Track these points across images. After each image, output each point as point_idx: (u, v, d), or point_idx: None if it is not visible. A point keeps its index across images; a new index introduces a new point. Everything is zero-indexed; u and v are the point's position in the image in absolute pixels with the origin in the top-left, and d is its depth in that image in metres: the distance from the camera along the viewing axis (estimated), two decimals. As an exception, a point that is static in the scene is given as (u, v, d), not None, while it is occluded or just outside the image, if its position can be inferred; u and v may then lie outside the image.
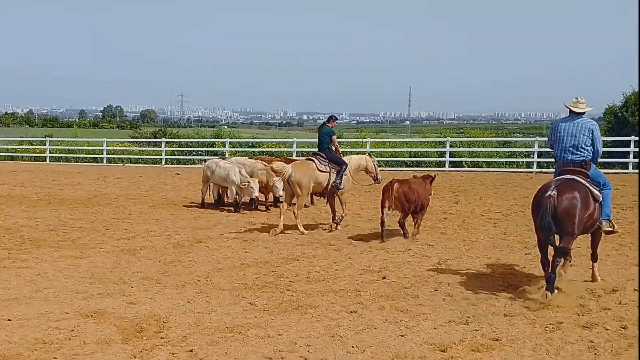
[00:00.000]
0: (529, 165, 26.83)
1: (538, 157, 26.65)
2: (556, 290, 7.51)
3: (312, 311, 7.09)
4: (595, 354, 5.75)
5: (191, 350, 5.87)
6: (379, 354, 5.78)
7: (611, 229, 8.27)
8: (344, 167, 12.87)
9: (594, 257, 8.55)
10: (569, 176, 8.06)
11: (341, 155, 13.54)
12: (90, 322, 6.73)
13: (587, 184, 7.94)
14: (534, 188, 18.51)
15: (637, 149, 24.97)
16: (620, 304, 7.32)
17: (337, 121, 13.83)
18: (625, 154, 25.37)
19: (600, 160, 8.96)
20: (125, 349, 5.95)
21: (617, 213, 14.11)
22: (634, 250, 10.24)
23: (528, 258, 9.79)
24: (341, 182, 12.76)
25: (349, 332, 6.38)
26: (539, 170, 25.96)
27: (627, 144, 25.42)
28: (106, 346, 6.01)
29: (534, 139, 28.43)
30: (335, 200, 13.03)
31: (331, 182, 12.71)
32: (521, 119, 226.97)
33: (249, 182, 14.63)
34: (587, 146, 8.33)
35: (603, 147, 8.77)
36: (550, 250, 7.68)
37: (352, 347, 5.95)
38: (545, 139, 28.19)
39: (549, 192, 7.73)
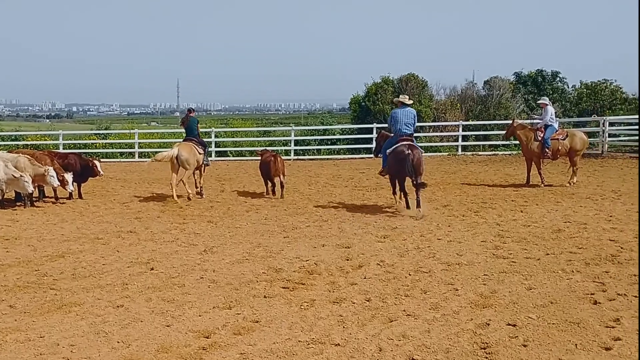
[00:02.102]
0: (287, 153, 27.54)
1: (294, 145, 27.49)
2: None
3: (77, 309, 6.64)
4: (343, 327, 5.96)
5: (-58, 363, 5.25)
6: (145, 346, 5.55)
7: None
8: (207, 148, 16.04)
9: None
10: (408, 142, 12.22)
11: None
12: None
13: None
14: (292, 174, 19.30)
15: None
16: (365, 278, 7.68)
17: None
18: (369, 140, 26.88)
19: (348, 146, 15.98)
20: None
21: (363, 195, 14.96)
22: (377, 228, 10.84)
23: (286, 240, 9.99)
24: (208, 161, 15.99)
25: (114, 327, 6.05)
26: (296, 157, 26.77)
27: (370, 130, 27.01)
28: None
29: (291, 128, 29.28)
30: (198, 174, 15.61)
31: (203, 161, 15.39)
32: (282, 110, 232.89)
33: (22, 175, 13.33)
34: (412, 125, 12.57)
35: (350, 134, 13.23)
36: (407, 184, 12.39)
37: (118, 342, 5.65)
38: (301, 127, 29.22)
39: (407, 151, 12.00)
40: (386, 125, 15.73)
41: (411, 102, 13.01)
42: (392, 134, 12.80)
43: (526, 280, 7.43)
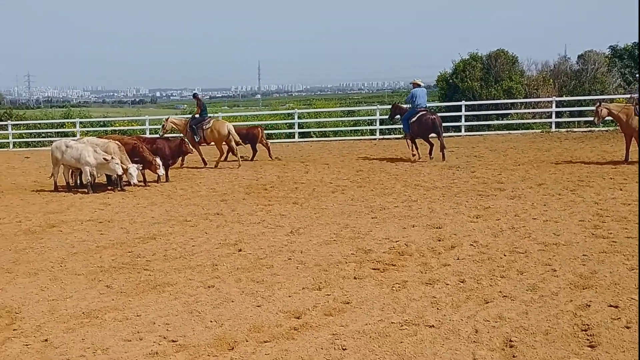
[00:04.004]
0: (372, 132, 27.49)
1: (380, 124, 27.38)
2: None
3: (170, 289, 6.92)
4: (437, 308, 5.98)
5: (46, 340, 5.57)
6: (237, 325, 5.74)
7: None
8: None
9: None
10: (427, 111, 18.18)
11: None
12: (-64, 320, 6.24)
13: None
14: (378, 155, 19.30)
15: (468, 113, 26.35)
16: (458, 259, 7.65)
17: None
18: (457, 118, 26.55)
19: None
20: (-24, 344, 5.57)
21: (453, 174, 14.83)
22: (469, 208, 10.75)
23: (375, 221, 10.03)
24: None
25: (206, 307, 6.28)
26: (381, 137, 26.69)
27: (458, 108, 26.64)
28: (-46, 343, 5.60)
29: (375, 107, 29.18)
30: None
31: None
32: (365, 89, 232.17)
33: (112, 158, 13.99)
34: (426, 100, 18.55)
35: (438, 112, 21.46)
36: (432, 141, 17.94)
37: (210, 321, 5.87)
38: (387, 107, 29.23)
39: (431, 116, 17.87)
40: (474, 102, 24.82)
41: (423, 83, 18.69)
42: (411, 107, 18.31)
43: (627, 260, 7.21)
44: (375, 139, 26.14)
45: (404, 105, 19.60)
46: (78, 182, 15.33)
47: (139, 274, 7.57)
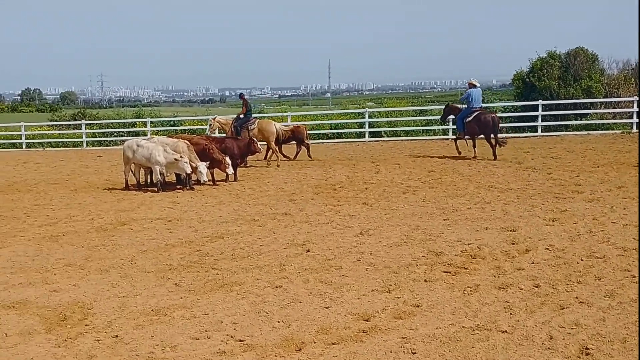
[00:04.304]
0: (444, 132, 27.20)
1: (453, 124, 27.03)
2: None
3: (238, 288, 7.02)
4: (510, 313, 5.88)
5: (116, 336, 5.74)
6: (304, 327, 5.77)
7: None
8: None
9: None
10: (483, 111, 18.83)
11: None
12: (12, 314, 6.50)
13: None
14: (451, 155, 19.09)
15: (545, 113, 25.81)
16: (533, 263, 7.51)
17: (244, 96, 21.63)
18: (534, 118, 26.05)
19: (511, 124, 23.50)
20: (49, 338, 5.77)
21: (529, 175, 14.54)
22: (544, 211, 10.52)
23: (446, 223, 9.92)
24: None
25: (274, 307, 6.35)
26: (454, 137, 26.34)
27: (535, 108, 26.11)
28: (29, 337, 5.82)
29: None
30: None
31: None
32: (437, 87, 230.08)
33: (181, 157, 14.32)
34: (481, 100, 19.23)
35: (513, 111, 26.86)
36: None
37: (278, 322, 5.93)
38: (460, 105, 28.81)
39: (491, 115, 18.75)
40: (551, 101, 25.21)
41: (479, 84, 19.30)
42: (467, 107, 18.90)
43: None
44: (447, 139, 25.84)
45: (459, 106, 20.20)
46: (148, 180, 15.72)
47: (207, 273, 7.70)
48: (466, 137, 19.03)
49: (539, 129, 25.59)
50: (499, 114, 28.60)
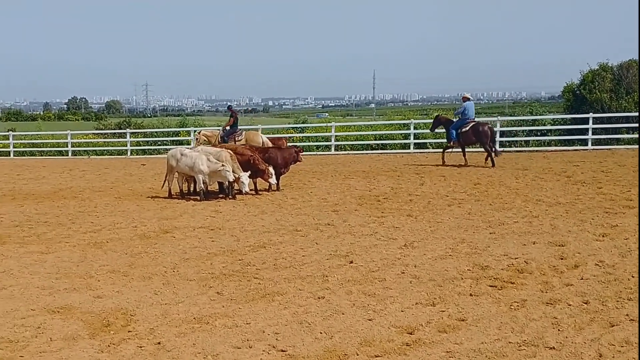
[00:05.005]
0: (492, 144, 26.97)
1: (500, 136, 26.83)
2: None
3: (280, 298, 7.04)
4: (558, 329, 5.78)
5: (159, 343, 5.80)
6: (347, 339, 5.76)
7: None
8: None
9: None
10: (477, 122, 20.64)
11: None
12: (57, 318, 6.62)
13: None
14: (497, 167, 18.91)
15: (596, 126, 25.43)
16: (582, 279, 7.38)
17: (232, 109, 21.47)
18: (584, 131, 25.68)
19: (560, 137, 24.03)
20: (93, 344, 5.87)
21: (578, 189, 14.30)
22: (594, 225, 10.34)
23: (492, 237, 9.81)
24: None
25: (316, 318, 6.35)
26: (501, 149, 26.14)
27: (585, 121, 25.73)
28: (73, 342, 5.92)
29: (495, 118, 28.59)
30: None
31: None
32: (484, 99, 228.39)
33: (223, 166, 14.45)
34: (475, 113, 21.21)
35: (563, 124, 26.23)
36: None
37: (320, 333, 5.93)
38: (507, 118, 28.66)
39: (487, 126, 20.50)
40: (602, 114, 25.73)
41: (471, 97, 21.63)
42: (461, 118, 20.69)
43: None
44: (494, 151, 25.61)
45: (449, 117, 22.65)
46: (191, 189, 15.90)
47: (249, 282, 7.74)
48: (454, 148, 21.27)
49: (589, 142, 25.22)
50: (548, 127, 28.46)
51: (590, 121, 25.23)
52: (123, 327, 6.29)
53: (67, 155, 32.70)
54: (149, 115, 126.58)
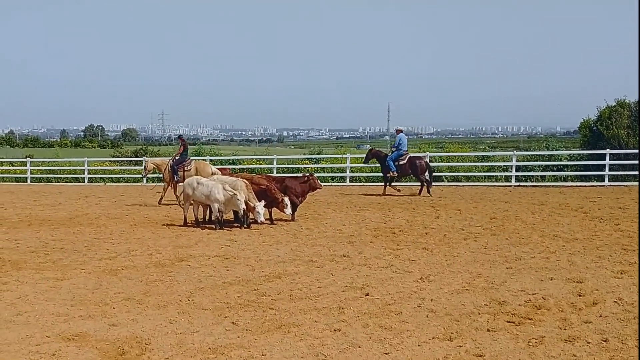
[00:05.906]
0: (507, 179, 26.94)
1: (516, 170, 26.78)
2: None
3: (296, 330, 7.00)
4: (578, 368, 5.71)
5: (174, 373, 5.77)
6: (363, 372, 5.71)
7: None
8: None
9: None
10: (413, 155, 23.09)
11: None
12: (72, 346, 6.60)
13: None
14: (513, 201, 18.85)
15: (613, 162, 25.33)
16: (601, 316, 7.29)
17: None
18: (601, 167, 25.59)
19: (576, 173, 22.08)
20: (107, 372, 5.84)
21: (595, 225, 14.20)
22: (612, 262, 10.24)
23: (509, 272, 9.74)
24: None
25: (333, 350, 6.30)
26: (517, 184, 26.10)
27: (602, 157, 25.65)
28: (87, 370, 5.90)
29: (511, 153, 28.54)
30: None
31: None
32: (498, 133, 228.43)
33: (235, 194, 14.47)
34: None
35: (579, 160, 26.69)
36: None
37: (336, 366, 5.88)
38: (524, 152, 28.60)
39: (424, 160, 23.03)
40: (619, 150, 26.24)
41: (405, 129, 23.74)
42: (396, 151, 22.70)
43: None
44: (510, 186, 25.55)
45: (382, 150, 24.86)
46: (206, 217, 15.94)
47: (265, 313, 7.71)
48: (395, 178, 23.20)
49: (606, 178, 25.11)
50: (564, 162, 28.38)
51: (607, 157, 25.16)
52: (138, 356, 6.26)
53: (84, 182, 32.92)
54: (165, 143, 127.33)
